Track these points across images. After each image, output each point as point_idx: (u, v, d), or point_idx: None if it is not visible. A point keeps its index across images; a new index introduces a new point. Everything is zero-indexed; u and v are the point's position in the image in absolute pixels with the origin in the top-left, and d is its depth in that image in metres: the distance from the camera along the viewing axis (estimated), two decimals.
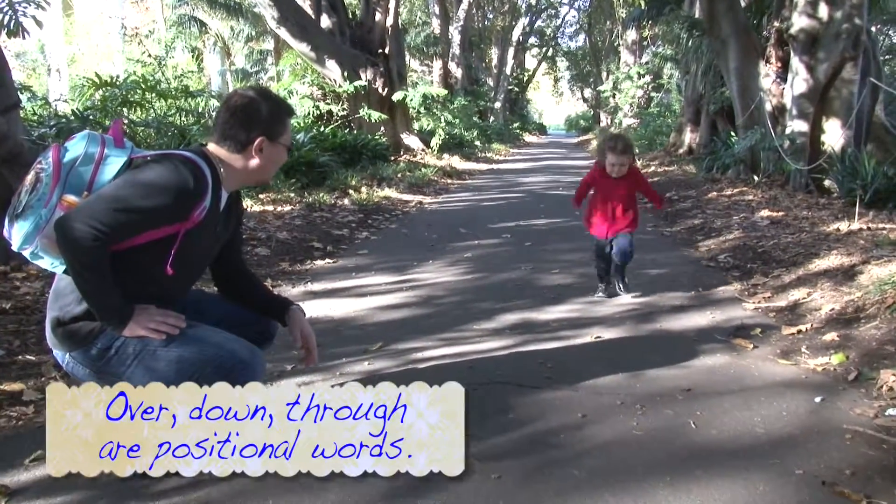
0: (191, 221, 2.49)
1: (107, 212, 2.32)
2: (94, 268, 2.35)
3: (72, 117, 9.11)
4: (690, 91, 17.77)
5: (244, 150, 2.62)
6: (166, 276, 2.50)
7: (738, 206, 9.34)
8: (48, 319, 2.55)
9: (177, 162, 2.47)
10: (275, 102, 2.70)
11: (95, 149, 2.47)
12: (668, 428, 2.97)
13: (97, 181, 2.44)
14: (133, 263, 2.47)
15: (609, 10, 43.67)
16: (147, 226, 2.43)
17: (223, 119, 2.64)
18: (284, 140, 2.71)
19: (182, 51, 24.41)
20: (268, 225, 7.66)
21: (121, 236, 2.39)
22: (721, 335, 4.28)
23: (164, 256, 2.48)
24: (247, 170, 2.65)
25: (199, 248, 2.64)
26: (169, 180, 2.40)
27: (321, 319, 4.66)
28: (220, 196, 2.62)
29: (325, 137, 13.35)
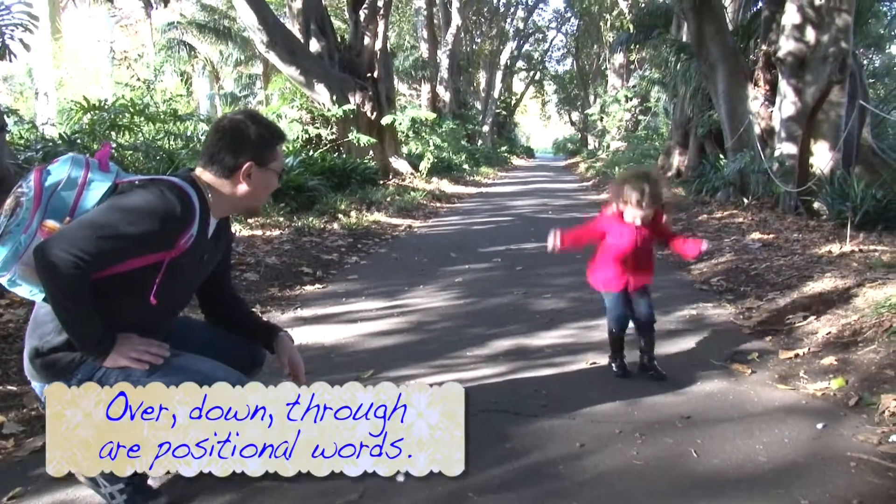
0: (177, 250, 2.39)
1: (89, 238, 2.22)
2: (74, 296, 2.25)
3: (59, 141, 9.03)
4: (678, 114, 17.84)
5: (232, 176, 2.52)
6: (150, 306, 2.40)
7: (729, 228, 9.33)
8: (26, 349, 2.44)
9: (163, 187, 2.37)
10: (264, 126, 2.59)
11: (79, 172, 2.37)
12: (669, 457, 2.91)
13: (80, 206, 2.35)
14: (115, 292, 2.37)
15: (596, 34, 44.11)
16: (131, 253, 2.33)
17: (211, 142, 2.55)
18: (275, 166, 2.60)
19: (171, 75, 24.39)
20: (257, 250, 7.58)
21: (103, 264, 2.29)
22: (718, 360, 4.22)
23: (148, 286, 2.38)
24: (235, 196, 2.55)
25: (185, 277, 2.54)
26: (155, 206, 2.31)
27: (311, 346, 4.58)
28: (207, 223, 2.52)
29: (313, 161, 13.30)
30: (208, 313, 2.93)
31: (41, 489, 2.68)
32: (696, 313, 5.42)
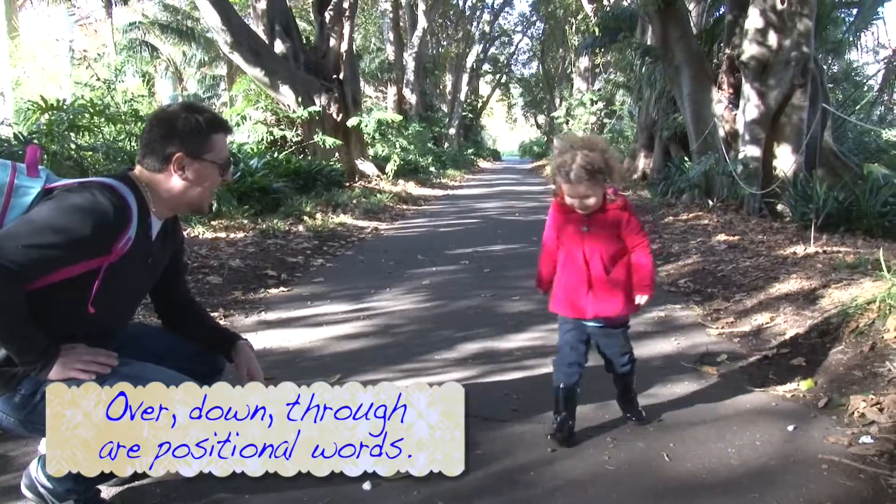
0: (114, 254, 2.26)
1: (15, 248, 2.07)
2: (5, 310, 2.10)
3: (14, 142, 8.81)
4: (644, 117, 17.97)
5: (164, 169, 2.37)
6: (90, 315, 2.28)
7: (695, 230, 9.38)
8: None
9: (95, 190, 2.22)
10: (197, 115, 2.40)
11: (4, 179, 2.23)
12: (642, 461, 2.87)
13: (8, 215, 2.21)
14: (54, 302, 2.24)
15: (561, 37, 44.35)
16: (63, 262, 2.18)
17: (144, 135, 2.42)
18: (212, 157, 2.41)
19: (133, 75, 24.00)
20: (220, 252, 7.44)
21: (34, 274, 2.15)
22: (687, 362, 4.20)
23: (86, 294, 2.25)
24: (172, 192, 2.40)
25: (129, 283, 2.41)
26: (85, 211, 2.16)
27: (276, 350, 4.49)
28: (148, 224, 2.39)
29: (278, 163, 13.14)
30: (164, 319, 2.81)
31: None
32: (665, 315, 5.41)
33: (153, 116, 2.48)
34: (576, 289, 3.02)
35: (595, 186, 2.88)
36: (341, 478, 2.45)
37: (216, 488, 2.63)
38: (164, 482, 2.68)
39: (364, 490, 2.62)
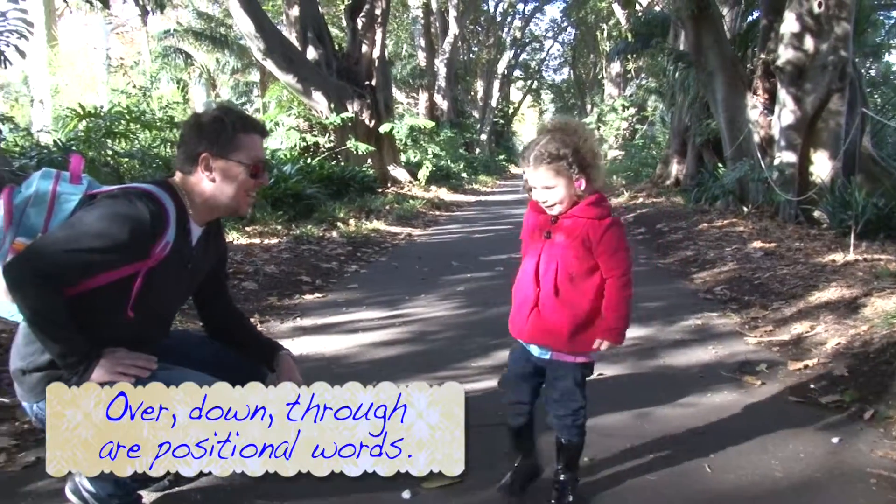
0: (153, 259, 2.28)
1: (55, 254, 2.13)
2: (47, 315, 2.16)
3: (54, 148, 8.95)
4: (676, 123, 17.81)
5: (194, 171, 2.38)
6: (129, 319, 2.31)
7: (730, 237, 9.26)
8: (12, 370, 2.35)
9: (133, 196, 2.25)
10: (225, 115, 2.41)
11: (47, 187, 2.27)
12: (683, 472, 2.83)
13: (53, 222, 2.26)
14: (95, 306, 2.27)
15: (593, 43, 44.19)
16: (102, 267, 2.22)
17: (179, 140, 2.45)
18: (240, 157, 2.38)
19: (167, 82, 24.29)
20: (255, 258, 7.49)
21: (74, 278, 2.19)
22: (726, 371, 4.15)
23: (126, 298, 2.28)
24: (204, 194, 2.40)
25: (168, 287, 2.42)
26: (123, 217, 2.20)
27: (312, 357, 4.50)
28: (188, 229, 2.41)
29: (311, 169, 13.23)
30: (207, 326, 2.82)
31: None
32: (702, 323, 5.35)
33: (186, 121, 2.51)
34: (521, 305, 2.59)
35: (559, 178, 2.41)
36: (379, 486, 2.45)
37: (253, 495, 2.64)
38: (203, 488, 2.70)
39: (403, 499, 2.61)
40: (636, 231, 11.51)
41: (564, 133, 2.43)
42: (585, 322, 2.49)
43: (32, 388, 2.29)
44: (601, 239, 2.43)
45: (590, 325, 2.49)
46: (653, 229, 11.24)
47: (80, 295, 2.24)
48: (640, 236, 10.94)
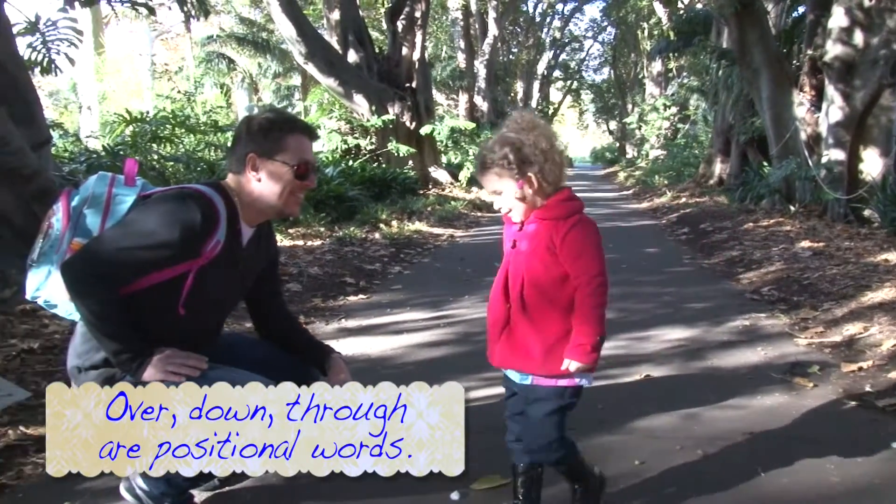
0: (204, 257, 2.33)
1: (109, 253, 2.20)
2: (101, 313, 2.22)
3: (102, 153, 9.12)
4: (720, 121, 17.58)
5: (243, 172, 2.41)
6: (181, 318, 2.35)
7: (777, 236, 9.11)
8: (69, 368, 2.41)
9: (184, 197, 2.31)
10: (272, 116, 2.46)
11: (103, 189, 2.35)
12: (735, 476, 2.77)
13: (108, 222, 2.32)
14: (145, 306, 2.32)
15: (633, 42, 43.84)
16: (154, 265, 2.27)
17: (231, 143, 2.51)
18: (285, 158, 2.39)
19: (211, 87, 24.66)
20: (298, 260, 7.55)
21: (128, 277, 2.26)
22: (776, 373, 4.07)
23: (177, 297, 2.33)
24: (252, 195, 2.43)
25: (218, 286, 2.45)
26: (174, 216, 2.25)
27: (357, 358, 4.51)
28: (238, 230, 2.44)
29: (353, 171, 13.32)
30: (260, 328, 2.85)
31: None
32: (749, 324, 5.26)
33: (239, 123, 2.56)
34: (492, 326, 2.35)
35: (503, 180, 2.22)
36: (428, 487, 2.46)
37: (304, 494, 2.66)
38: (252, 488, 2.73)
39: (452, 500, 2.61)
40: (679, 231, 11.39)
41: (510, 130, 2.23)
42: (561, 339, 2.20)
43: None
44: (564, 240, 2.17)
45: (567, 342, 2.19)
46: (696, 229, 11.10)
47: (134, 294, 2.29)
48: (684, 236, 10.82)
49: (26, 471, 2.93)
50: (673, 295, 6.34)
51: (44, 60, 7.28)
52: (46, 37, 7.28)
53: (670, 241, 10.51)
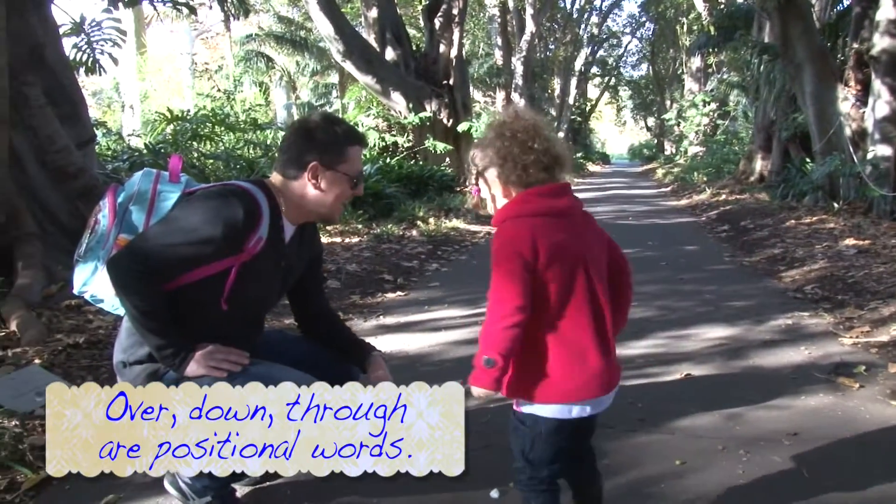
0: (246, 253, 2.34)
1: (153, 249, 2.22)
2: (145, 308, 2.25)
3: (144, 151, 9.26)
4: (761, 117, 17.32)
5: (299, 177, 2.43)
6: (224, 313, 2.37)
7: (820, 234, 8.95)
8: (115, 362, 2.45)
9: (228, 193, 2.34)
10: (335, 127, 2.47)
11: (148, 186, 2.38)
12: (778, 477, 2.73)
13: (153, 219, 2.36)
14: (191, 302, 2.35)
15: (672, 38, 43.37)
16: (198, 261, 2.30)
17: (283, 144, 2.52)
18: (345, 169, 2.44)
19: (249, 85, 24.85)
20: (337, 257, 7.59)
21: (172, 273, 2.29)
22: (821, 373, 4.00)
23: (220, 292, 2.35)
24: (304, 199, 2.46)
25: (261, 283, 2.47)
26: (216, 213, 2.27)
27: (396, 355, 4.53)
28: (280, 227, 2.46)
29: (391, 169, 13.35)
30: (302, 325, 2.88)
31: (132, 498, 2.69)
32: (792, 322, 5.18)
33: (294, 126, 2.57)
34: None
35: (482, 185, 2.15)
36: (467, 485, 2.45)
37: (345, 490, 2.67)
38: (294, 483, 2.74)
39: (492, 498, 2.61)
40: (719, 228, 11.25)
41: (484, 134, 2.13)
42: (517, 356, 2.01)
43: (133, 381, 2.36)
44: (492, 250, 2.03)
45: (517, 361, 2.01)
46: (737, 226, 10.96)
47: (178, 289, 2.32)
48: (724, 234, 10.69)
49: None
50: (713, 293, 6.26)
51: (88, 60, 7.42)
52: (91, 37, 7.41)
53: (710, 239, 10.39)
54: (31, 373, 3.73)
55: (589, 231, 2.11)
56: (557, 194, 2.05)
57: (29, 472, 2.83)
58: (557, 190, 2.06)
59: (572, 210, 2.08)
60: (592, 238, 2.11)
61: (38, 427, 3.24)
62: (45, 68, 6.12)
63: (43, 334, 4.34)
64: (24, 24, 5.87)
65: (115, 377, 2.54)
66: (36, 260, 5.29)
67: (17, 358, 3.98)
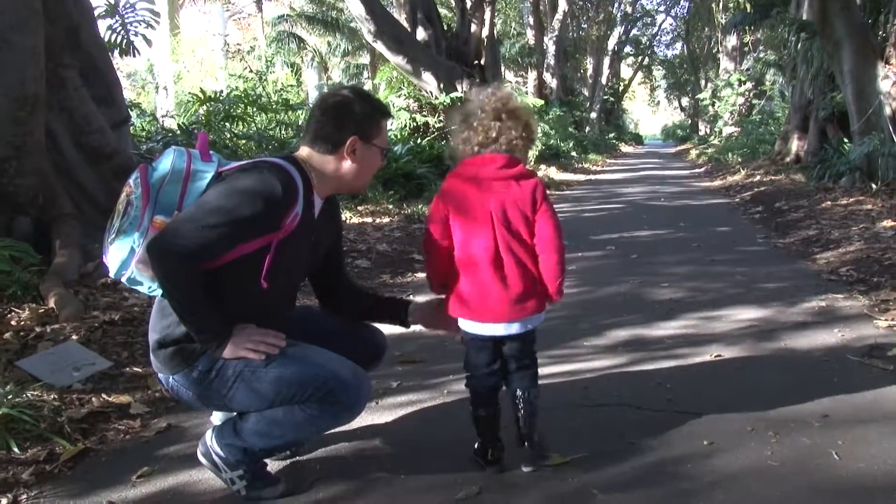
0: (284, 230, 2.37)
1: (195, 229, 2.22)
2: (186, 289, 2.26)
3: (178, 132, 9.34)
4: (798, 97, 17.03)
5: (336, 152, 2.48)
6: (263, 290, 2.38)
7: (856, 216, 8.81)
8: (150, 342, 2.46)
9: (264, 170, 2.36)
10: (369, 101, 2.58)
11: (182, 165, 2.38)
12: (808, 459, 2.71)
13: (186, 198, 2.36)
14: (229, 280, 2.37)
15: (707, 16, 42.69)
16: (238, 239, 2.31)
17: (315, 119, 2.53)
18: (379, 142, 2.56)
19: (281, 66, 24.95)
20: (367, 237, 7.63)
21: (213, 253, 2.28)
22: (854, 355, 3.94)
23: (259, 269, 2.36)
24: (339, 173, 2.51)
25: (295, 258, 2.51)
26: (256, 189, 2.29)
27: (425, 334, 4.51)
28: (312, 202, 2.49)
29: (421, 149, 13.34)
30: (326, 303, 2.91)
31: (167, 469, 2.75)
32: (826, 305, 5.11)
33: (324, 102, 2.58)
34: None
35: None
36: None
37: (372, 467, 2.70)
38: (322, 458, 2.79)
39: (521, 473, 2.62)
40: (753, 210, 11.11)
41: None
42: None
43: (168, 361, 2.40)
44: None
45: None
46: (771, 208, 10.82)
47: (217, 269, 2.33)
48: (758, 215, 10.55)
49: (109, 436, 3.05)
50: (745, 274, 6.20)
51: (122, 42, 7.49)
52: (125, 19, 7.48)
53: (743, 220, 10.27)
54: (68, 348, 3.81)
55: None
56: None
57: (67, 443, 2.90)
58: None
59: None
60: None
61: (76, 401, 3.32)
62: (81, 50, 6.19)
63: (80, 311, 4.42)
64: (60, 6, 5.94)
65: (147, 353, 2.59)
66: (73, 239, 5.39)
67: (56, 334, 4.07)
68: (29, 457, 2.80)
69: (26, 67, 5.36)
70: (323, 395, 2.35)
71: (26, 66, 5.36)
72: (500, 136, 2.55)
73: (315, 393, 2.35)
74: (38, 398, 3.24)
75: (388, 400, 3.41)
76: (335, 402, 2.37)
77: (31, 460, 2.77)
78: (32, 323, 4.24)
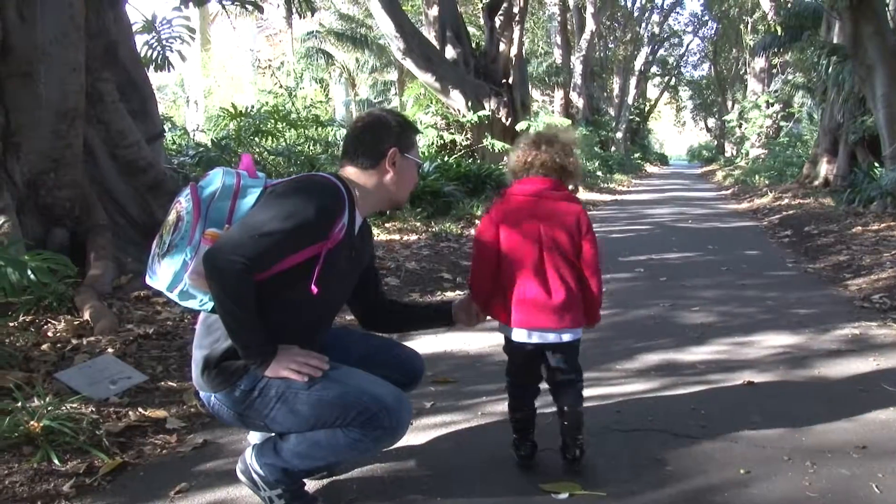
0: (331, 240, 2.40)
1: (250, 240, 2.25)
2: (240, 300, 2.27)
3: (209, 146, 9.45)
4: (827, 120, 16.92)
5: (378, 165, 2.56)
6: (311, 300, 2.39)
7: (889, 241, 8.71)
8: (196, 358, 2.47)
9: (314, 181, 2.48)
10: (402, 117, 2.75)
11: (232, 181, 2.43)
12: (847, 491, 2.68)
13: (236, 213, 2.39)
14: (277, 291, 2.39)
15: (735, 37, 42.61)
16: (291, 248, 2.34)
17: (354, 138, 2.62)
18: (414, 154, 2.67)
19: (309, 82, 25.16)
20: (396, 254, 7.66)
21: (267, 262, 2.31)
22: (890, 385, 3.89)
23: (307, 280, 2.38)
24: (382, 186, 2.58)
25: (340, 272, 2.52)
26: (308, 198, 2.35)
27: (456, 353, 4.56)
28: (354, 218, 2.52)
29: (449, 167, 13.38)
30: (366, 321, 2.95)
31: (205, 486, 2.76)
32: (859, 332, 5.05)
33: (361, 121, 2.70)
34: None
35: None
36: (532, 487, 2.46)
37: (408, 489, 2.71)
38: (358, 479, 2.80)
39: (557, 500, 2.61)
40: (781, 234, 11.02)
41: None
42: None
43: (212, 379, 2.41)
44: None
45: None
46: (800, 232, 10.73)
47: (265, 281, 2.34)
48: (787, 239, 10.47)
49: (146, 451, 3.07)
50: (776, 300, 6.15)
51: (158, 57, 7.60)
52: (161, 35, 7.59)
53: (772, 244, 10.19)
54: (105, 361, 3.85)
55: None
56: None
57: (105, 457, 2.93)
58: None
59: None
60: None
61: (113, 414, 3.36)
62: (118, 65, 6.29)
63: (114, 324, 4.47)
64: (100, 22, 6.05)
65: (182, 367, 2.61)
66: (107, 251, 5.46)
67: (92, 346, 4.11)
68: (69, 469, 2.83)
69: (67, 81, 5.46)
70: (365, 420, 2.36)
71: (67, 80, 5.46)
72: (552, 163, 2.85)
73: (357, 417, 2.36)
74: (76, 411, 3.28)
75: (423, 420, 3.41)
76: (378, 426, 2.37)
77: (71, 473, 2.80)
78: (68, 335, 4.30)
